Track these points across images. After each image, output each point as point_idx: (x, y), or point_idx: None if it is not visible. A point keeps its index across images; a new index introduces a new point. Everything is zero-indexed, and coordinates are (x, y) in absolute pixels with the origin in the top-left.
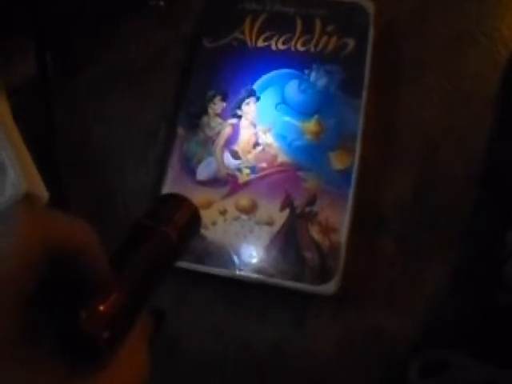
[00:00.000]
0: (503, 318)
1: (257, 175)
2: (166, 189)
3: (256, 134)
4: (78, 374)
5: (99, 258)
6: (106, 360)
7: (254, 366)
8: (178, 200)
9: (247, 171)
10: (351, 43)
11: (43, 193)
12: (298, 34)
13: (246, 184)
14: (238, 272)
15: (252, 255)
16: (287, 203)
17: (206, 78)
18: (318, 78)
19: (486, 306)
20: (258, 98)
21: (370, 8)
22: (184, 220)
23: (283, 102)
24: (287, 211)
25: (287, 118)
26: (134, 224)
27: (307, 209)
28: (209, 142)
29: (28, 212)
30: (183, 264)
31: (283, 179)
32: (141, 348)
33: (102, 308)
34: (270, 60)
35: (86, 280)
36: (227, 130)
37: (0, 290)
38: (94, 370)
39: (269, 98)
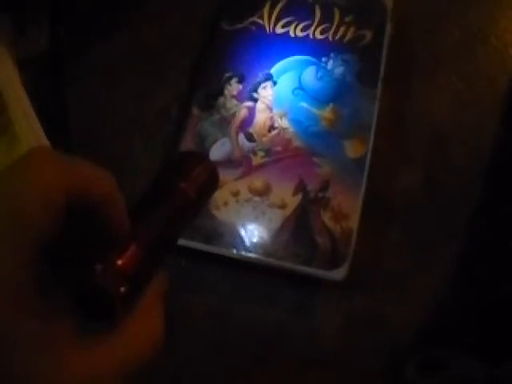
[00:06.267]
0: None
1: (271, 158)
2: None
3: (272, 118)
4: (92, 331)
5: (120, 209)
6: (121, 317)
7: (257, 349)
8: (197, 158)
9: (262, 154)
10: (368, 35)
11: None
12: (316, 22)
13: (260, 166)
14: (247, 254)
15: (263, 237)
16: (300, 188)
17: (223, 59)
18: (335, 67)
19: (490, 298)
20: (274, 83)
21: (388, 3)
22: (202, 178)
23: (300, 87)
24: (300, 195)
25: (303, 104)
26: (153, 178)
27: (320, 194)
28: (224, 123)
29: (50, 157)
30: (191, 243)
31: (297, 164)
32: (157, 308)
33: (119, 262)
34: (288, 46)
35: (104, 232)
36: (243, 112)
37: (17, 237)
38: (108, 327)
39: (286, 82)
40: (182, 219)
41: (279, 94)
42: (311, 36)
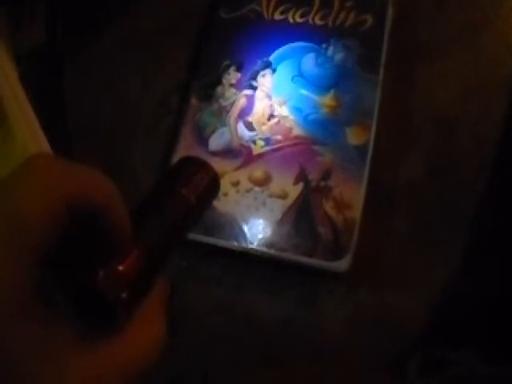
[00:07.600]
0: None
1: (271, 147)
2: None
3: (271, 106)
4: (92, 337)
5: (120, 214)
6: (122, 323)
7: (262, 342)
8: (197, 163)
9: (261, 143)
10: (369, 20)
11: None
12: (315, 8)
13: (260, 156)
14: (248, 245)
15: (264, 229)
16: (301, 177)
17: (221, 48)
18: (335, 53)
19: (496, 292)
20: (274, 70)
21: None
22: (203, 184)
23: (300, 74)
24: (301, 185)
25: (303, 91)
26: (154, 184)
27: (322, 183)
28: (222, 113)
29: (50, 164)
30: (192, 236)
31: (298, 152)
32: (158, 312)
33: (121, 268)
34: (287, 33)
35: (105, 238)
36: (242, 101)
37: (18, 243)
38: (108, 333)
39: (285, 70)
40: (184, 225)
41: (279, 81)
42: (311, 22)
